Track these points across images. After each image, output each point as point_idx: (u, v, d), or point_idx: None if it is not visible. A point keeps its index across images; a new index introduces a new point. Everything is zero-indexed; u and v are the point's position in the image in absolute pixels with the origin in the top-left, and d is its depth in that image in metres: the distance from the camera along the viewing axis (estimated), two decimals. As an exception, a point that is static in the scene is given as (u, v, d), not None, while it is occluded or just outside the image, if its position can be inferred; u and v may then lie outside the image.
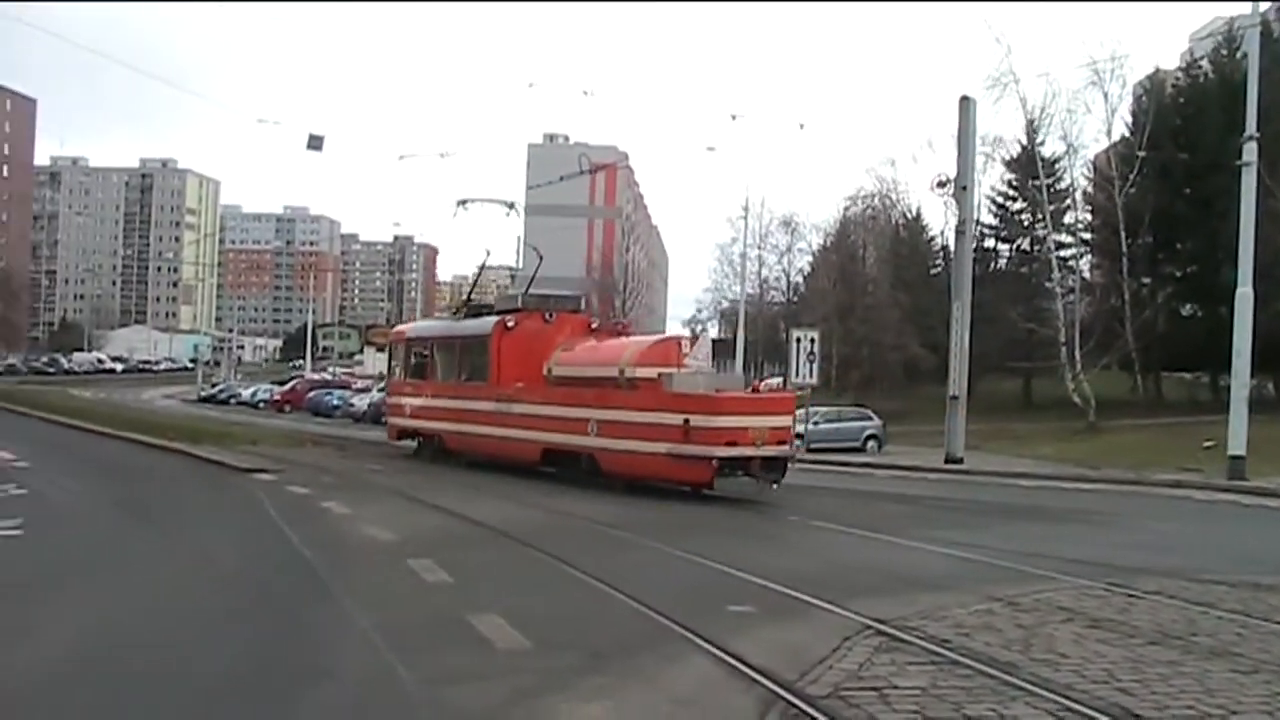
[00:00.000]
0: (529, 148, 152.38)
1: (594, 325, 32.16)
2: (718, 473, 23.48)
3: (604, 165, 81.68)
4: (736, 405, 24.23)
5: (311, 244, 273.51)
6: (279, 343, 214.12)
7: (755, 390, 26.78)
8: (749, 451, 23.55)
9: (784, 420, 24.99)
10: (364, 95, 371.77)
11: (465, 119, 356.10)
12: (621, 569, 13.95)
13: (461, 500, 22.18)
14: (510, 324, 30.89)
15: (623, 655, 9.66)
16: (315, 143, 38.69)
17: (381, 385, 57.67)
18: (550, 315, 31.27)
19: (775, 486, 24.08)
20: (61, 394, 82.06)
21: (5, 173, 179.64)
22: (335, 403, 71.94)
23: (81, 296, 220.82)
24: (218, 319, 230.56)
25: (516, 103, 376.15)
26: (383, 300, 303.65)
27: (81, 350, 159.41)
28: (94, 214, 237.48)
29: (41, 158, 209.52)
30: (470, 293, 42.29)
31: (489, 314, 32.96)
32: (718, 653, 9.65)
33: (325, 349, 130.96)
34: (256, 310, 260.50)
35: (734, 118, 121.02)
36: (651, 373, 25.88)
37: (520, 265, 76.48)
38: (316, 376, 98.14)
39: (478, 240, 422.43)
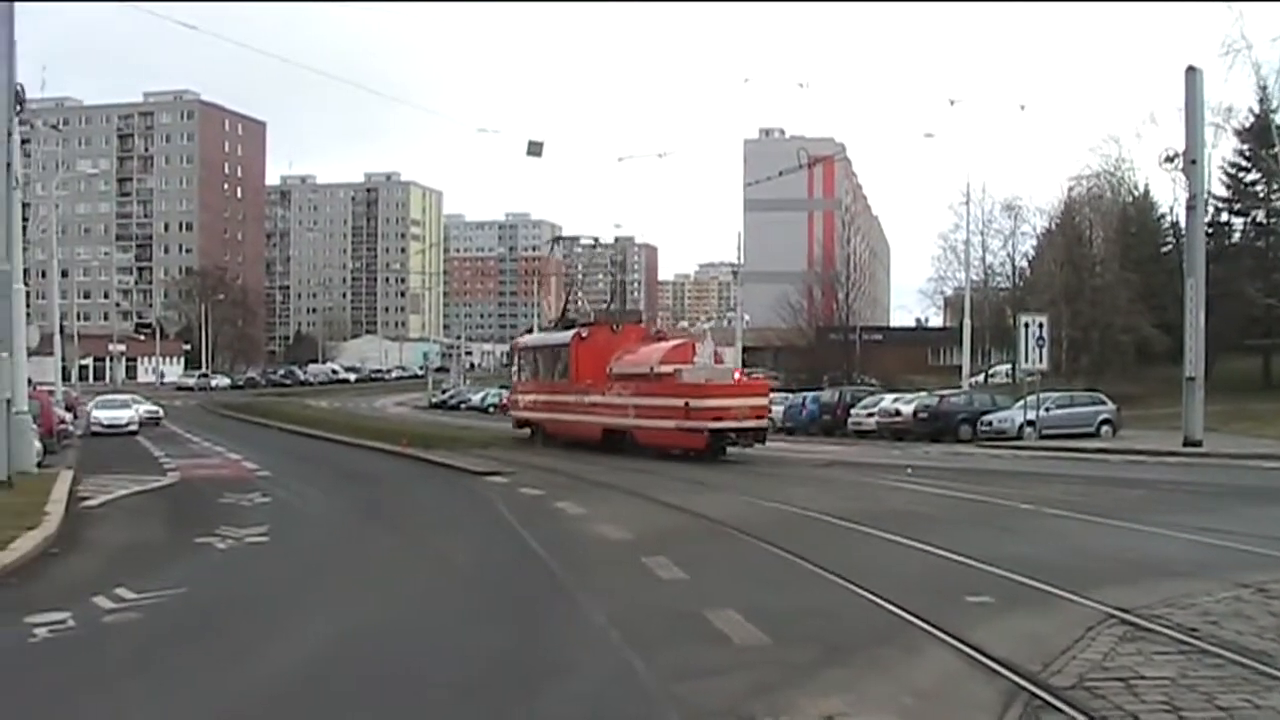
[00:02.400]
0: (745, 144, 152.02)
1: (651, 333, 41.44)
2: (710, 441, 32.74)
3: (821, 158, 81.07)
4: (721, 390, 33.59)
5: (534, 249, 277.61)
6: (506, 347, 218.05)
7: (737, 380, 36.02)
8: (732, 424, 33.09)
9: (760, 400, 35.35)
10: (581, 99, 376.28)
11: (681, 118, 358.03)
12: (855, 561, 13.88)
13: (689, 497, 22.31)
14: (584, 335, 39.82)
15: (861, 648, 9.62)
16: (535, 149, 39.30)
17: None
18: (617, 326, 40.66)
19: (757, 446, 33.73)
20: (298, 404, 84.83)
21: (240, 194, 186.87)
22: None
23: (314, 310, 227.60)
24: (445, 326, 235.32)
25: (732, 99, 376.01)
26: (605, 301, 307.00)
27: (316, 361, 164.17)
28: (323, 229, 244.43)
29: (272, 178, 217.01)
30: (565, 307, 50.61)
31: (573, 327, 41.41)
32: (958, 644, 9.55)
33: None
34: (483, 316, 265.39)
35: (952, 103, 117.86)
36: (670, 369, 34.82)
37: (742, 261, 76.47)
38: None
39: (698, 238, 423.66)
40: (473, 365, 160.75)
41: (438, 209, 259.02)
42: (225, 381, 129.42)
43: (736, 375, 37.52)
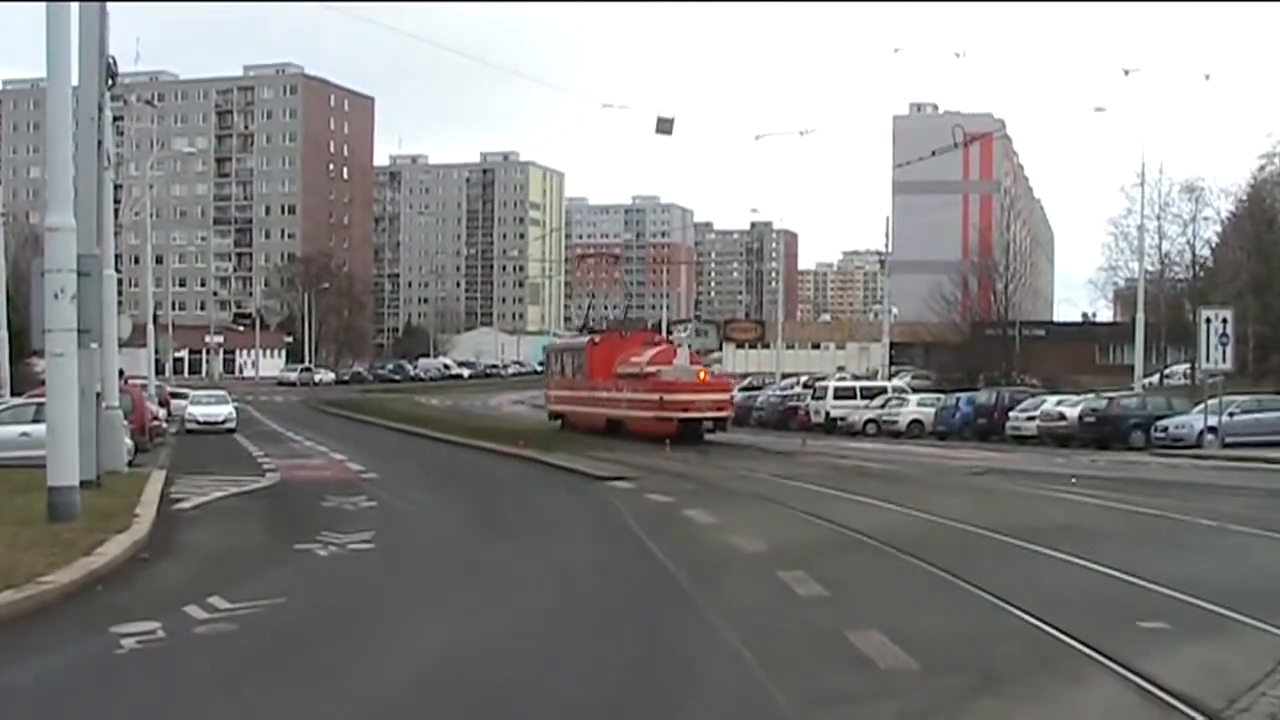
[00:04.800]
0: (895, 120, 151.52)
1: (654, 339, 53.02)
2: (680, 428, 43.17)
3: (978, 135, 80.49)
4: (689, 387, 44.54)
5: (663, 235, 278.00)
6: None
7: (702, 379, 46.53)
8: (697, 415, 44.27)
9: (721, 395, 47.34)
10: (715, 71, 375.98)
11: (825, 92, 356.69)
12: (1011, 580, 13.70)
13: (831, 506, 22.21)
14: (597, 340, 52.00)
15: (1019, 676, 9.49)
16: (665, 126, 39.38)
17: (743, 385, 75.27)
18: (625, 332, 54.23)
19: (717, 431, 45.16)
20: (407, 401, 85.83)
21: (346, 175, 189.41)
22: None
23: (425, 300, 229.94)
24: (566, 319, 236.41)
25: (881, 71, 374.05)
26: (740, 293, 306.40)
27: (427, 356, 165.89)
28: (435, 213, 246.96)
29: (381, 158, 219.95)
30: (587, 315, 69.65)
31: (589, 334, 55.82)
32: (1128, 674, 9.35)
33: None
34: (607, 308, 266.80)
35: (1126, 73, 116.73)
36: (654, 369, 45.67)
37: (890, 249, 75.97)
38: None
39: (842, 223, 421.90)
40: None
41: (559, 191, 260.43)
42: (329, 376, 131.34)
43: (701, 375, 47.60)
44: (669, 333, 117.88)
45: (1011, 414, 50.50)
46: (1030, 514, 21.36)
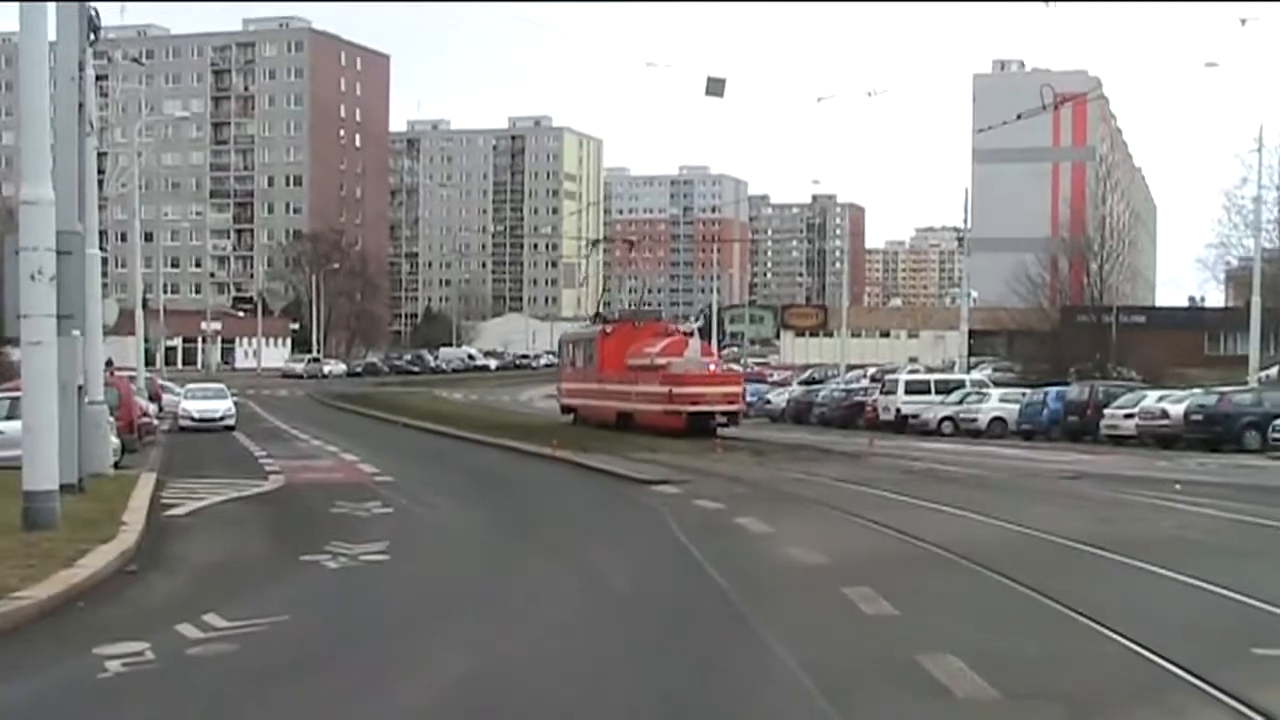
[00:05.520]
0: (975, 79, 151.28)
1: (667, 329, 55.11)
2: (689, 422, 45.95)
3: (1070, 96, 79.86)
4: (698, 380, 47.41)
5: (713, 209, 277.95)
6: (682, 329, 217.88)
7: (712, 371, 49.62)
8: (706, 409, 46.84)
9: (732, 389, 49.76)
10: (772, 26, 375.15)
11: (896, 48, 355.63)
12: (1107, 599, 13.66)
13: (900, 514, 22.18)
14: (609, 330, 55.32)
15: (1113, 708, 9.51)
16: (715, 87, 39.32)
17: (802, 378, 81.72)
18: (638, 323, 56.41)
19: (728, 426, 47.84)
20: (427, 396, 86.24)
21: (358, 143, 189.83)
22: (749, 399, 72.91)
23: (447, 282, 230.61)
24: (605, 304, 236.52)
25: (959, 24, 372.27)
26: (800, 274, 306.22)
27: (449, 345, 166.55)
28: (458, 185, 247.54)
29: (397, 123, 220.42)
30: (599, 305, 75.37)
31: (603, 324, 58.40)
32: (1241, 707, 9.30)
33: (734, 335, 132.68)
34: (651, 291, 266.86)
35: (1243, 22, 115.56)
36: (664, 361, 48.46)
37: (969, 225, 75.77)
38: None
39: (915, 196, 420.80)
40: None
41: (597, 161, 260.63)
42: (340, 368, 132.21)
43: (712, 367, 50.64)
44: (720, 320, 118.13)
45: (1106, 411, 50.31)
46: (1128, 525, 21.28)
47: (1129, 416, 48.92)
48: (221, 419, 53.25)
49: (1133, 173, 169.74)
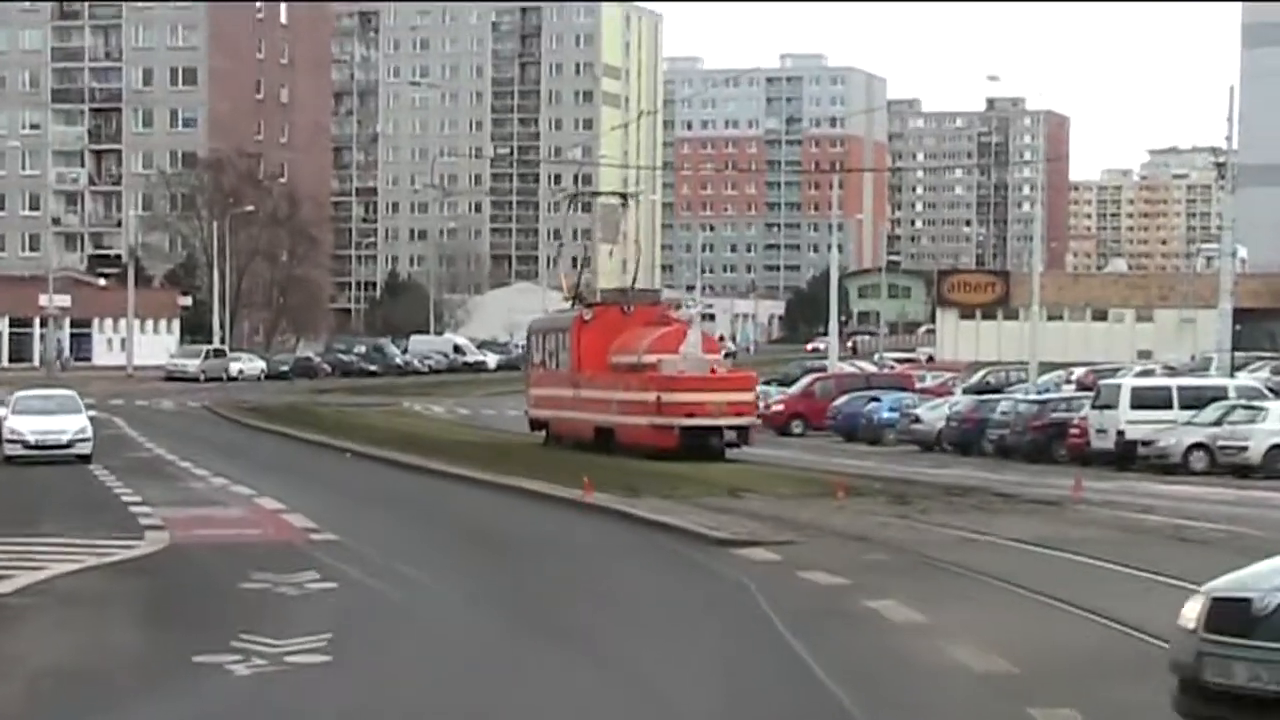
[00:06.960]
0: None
1: (664, 316, 59.37)
2: (682, 439, 50.10)
3: None
4: (696, 384, 51.68)
5: (832, 122, 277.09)
6: (778, 306, 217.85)
7: (714, 373, 53.60)
8: (705, 421, 50.53)
9: (743, 395, 54.28)
10: None
11: None
12: None
13: (1108, 591, 22.27)
14: (588, 317, 58.65)
15: None
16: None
17: (970, 383, 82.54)
18: (629, 307, 58.80)
19: (738, 445, 51.70)
20: (390, 410, 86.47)
21: (284, 18, 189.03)
22: (885, 416, 72.77)
23: (423, 235, 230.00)
24: (666, 266, 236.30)
25: None
26: (968, 222, 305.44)
27: (424, 332, 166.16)
28: (438, 81, 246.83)
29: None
30: (578, 283, 70.76)
31: (580, 307, 61.03)
32: None
33: (861, 315, 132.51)
34: (735, 249, 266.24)
35: None
36: (654, 359, 52.82)
37: (1234, 145, 75.55)
38: (849, 368, 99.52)
39: (1147, 102, 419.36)
40: (721, 339, 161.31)
41: (652, 47, 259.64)
42: (256, 366, 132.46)
43: (714, 368, 54.53)
44: (843, 295, 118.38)
45: None
46: None
47: None
48: (70, 444, 53.17)
49: None
